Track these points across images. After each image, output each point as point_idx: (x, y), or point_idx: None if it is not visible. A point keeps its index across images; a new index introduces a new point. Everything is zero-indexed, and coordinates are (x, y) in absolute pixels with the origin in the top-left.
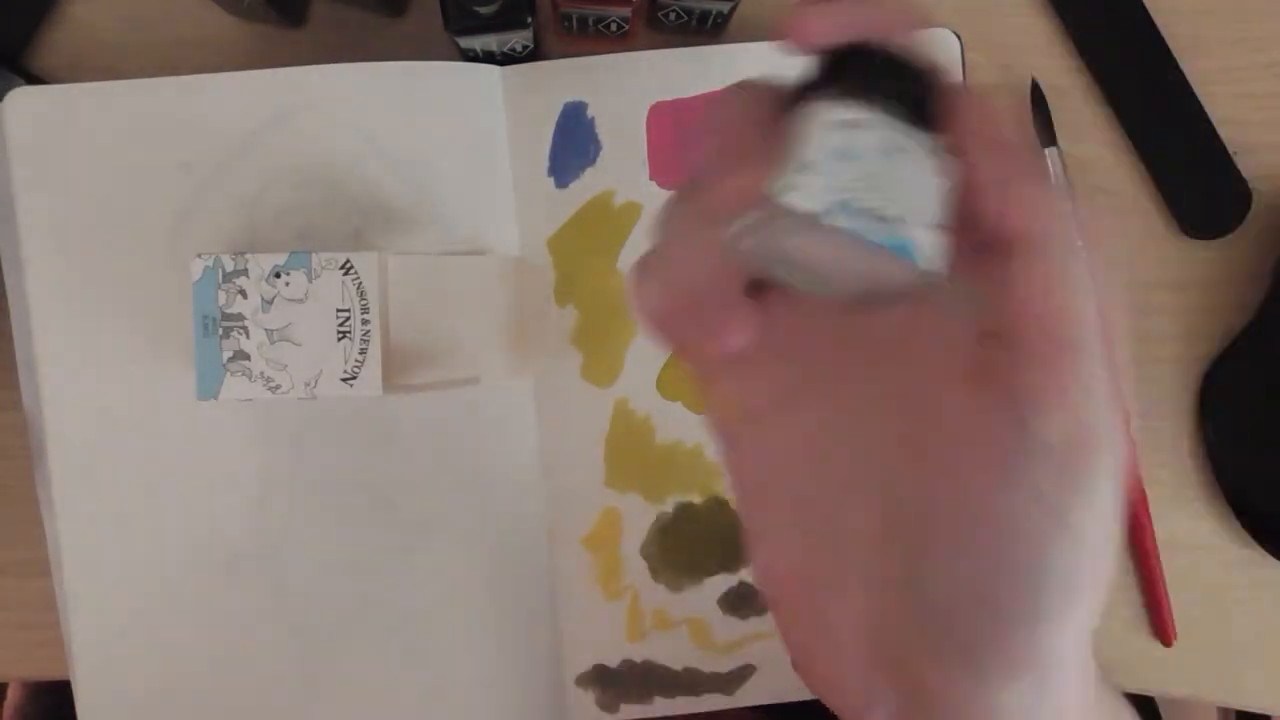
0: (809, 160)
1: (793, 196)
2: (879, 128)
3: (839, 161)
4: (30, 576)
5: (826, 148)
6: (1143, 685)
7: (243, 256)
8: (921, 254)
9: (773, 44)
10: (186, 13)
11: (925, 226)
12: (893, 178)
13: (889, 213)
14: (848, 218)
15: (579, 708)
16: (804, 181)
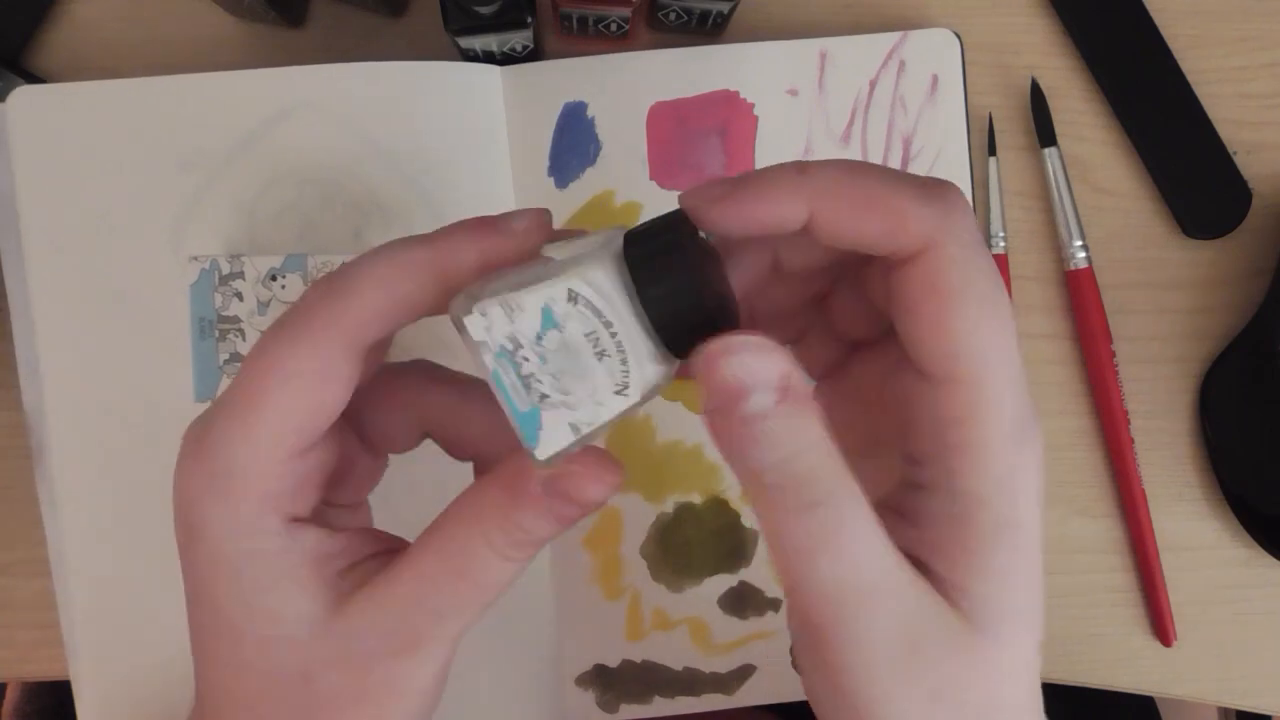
0: (517, 300)
1: (472, 320)
2: (610, 325)
3: (538, 320)
4: (30, 576)
5: (542, 302)
6: (1143, 685)
7: (239, 259)
8: (541, 439)
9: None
10: (186, 13)
11: (567, 424)
12: (578, 368)
13: (540, 390)
14: (503, 369)
15: (579, 708)
16: (492, 313)
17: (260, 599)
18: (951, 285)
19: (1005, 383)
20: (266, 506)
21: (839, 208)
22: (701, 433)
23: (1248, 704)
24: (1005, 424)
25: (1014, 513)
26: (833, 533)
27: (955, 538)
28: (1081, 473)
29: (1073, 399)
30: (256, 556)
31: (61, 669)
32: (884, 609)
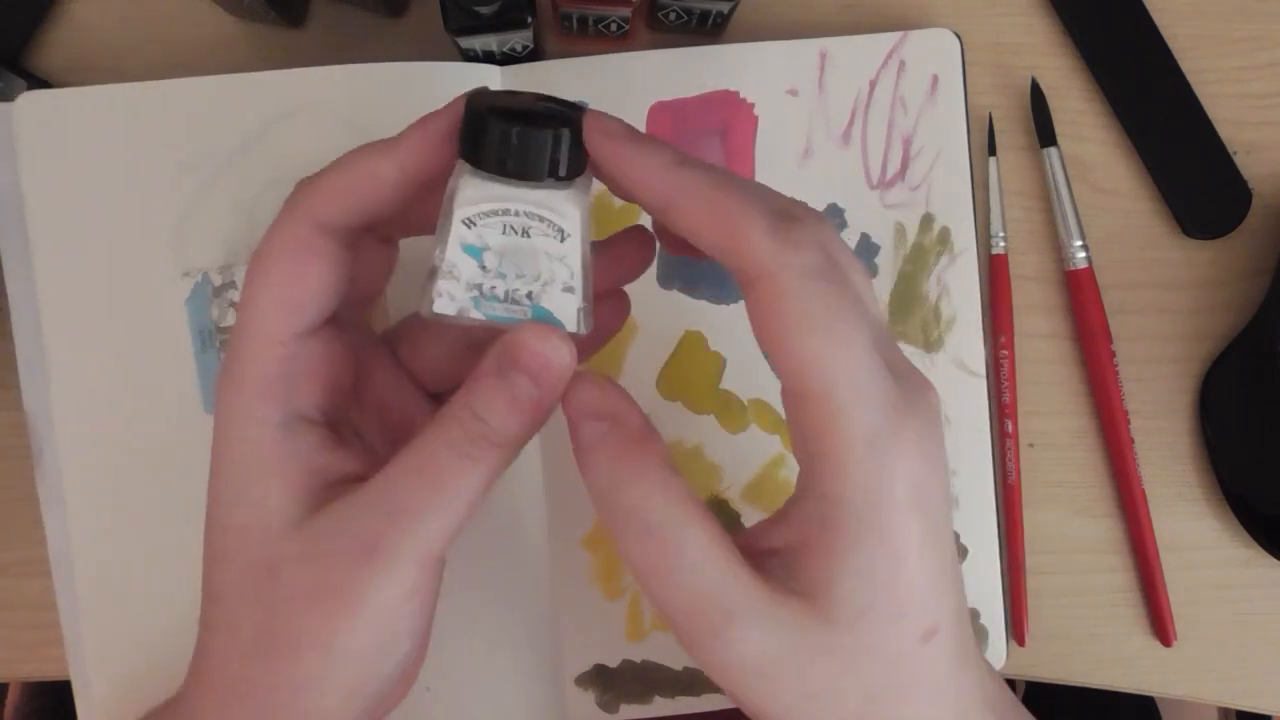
0: (449, 263)
1: (437, 304)
2: (506, 211)
3: (471, 257)
4: (30, 576)
5: (460, 245)
6: (1143, 685)
7: (229, 269)
8: (563, 317)
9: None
10: (186, 13)
11: (561, 291)
12: (521, 255)
13: (521, 292)
14: (486, 307)
15: (579, 708)
16: (444, 287)
17: (246, 486)
18: (786, 315)
19: (854, 397)
20: (266, 390)
21: (691, 214)
22: (702, 433)
23: (1248, 704)
24: (858, 436)
25: (875, 516)
26: (665, 559)
27: (820, 539)
28: (1081, 473)
29: (1073, 399)
30: (251, 443)
31: (61, 669)
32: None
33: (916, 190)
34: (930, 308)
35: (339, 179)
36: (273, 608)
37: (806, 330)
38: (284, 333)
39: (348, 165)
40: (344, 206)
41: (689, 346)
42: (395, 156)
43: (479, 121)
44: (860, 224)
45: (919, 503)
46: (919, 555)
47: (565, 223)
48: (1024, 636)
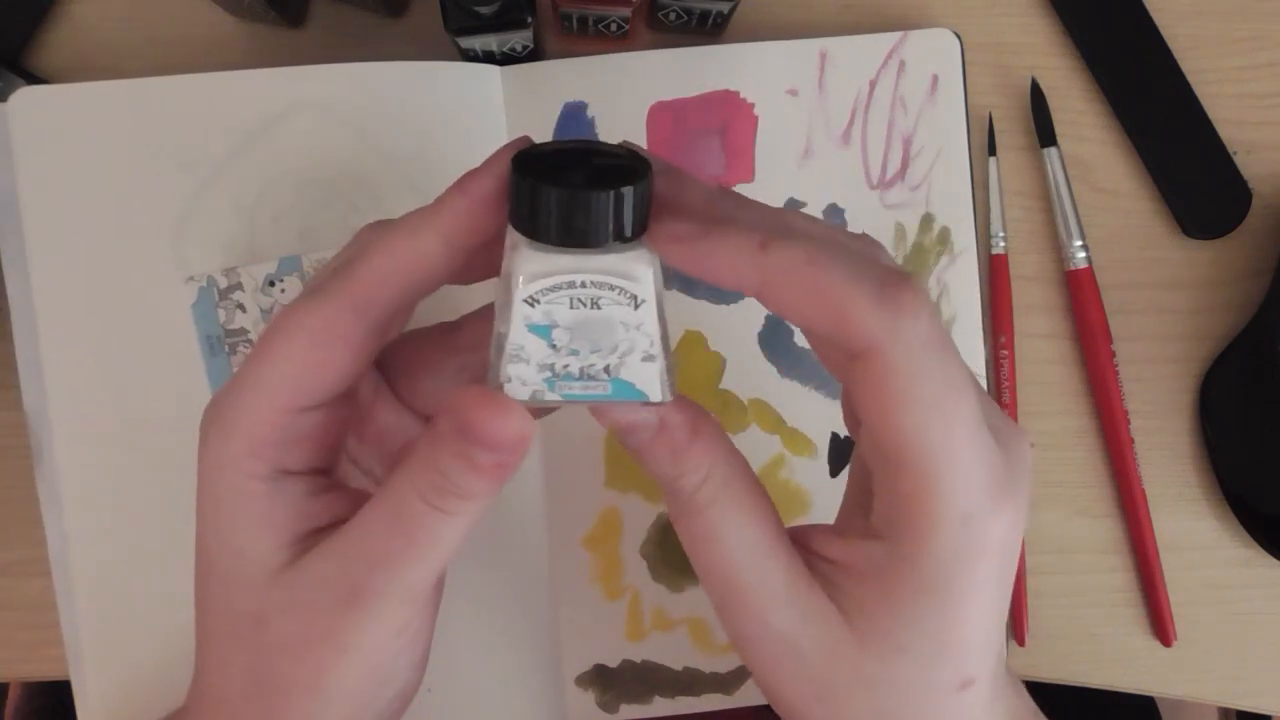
0: (514, 345)
1: (508, 389)
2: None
3: (538, 336)
4: (30, 576)
5: (525, 325)
6: (1143, 685)
7: (234, 271)
8: (646, 388)
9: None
10: (186, 13)
11: (641, 360)
12: (594, 328)
13: (598, 367)
14: (561, 387)
15: (579, 708)
16: (514, 371)
17: (231, 536)
18: (895, 389)
19: (958, 480)
20: (255, 450)
21: (789, 295)
22: None
23: (1248, 704)
24: (954, 517)
25: (947, 586)
26: (708, 538)
27: (879, 581)
28: (1081, 473)
29: (1073, 399)
30: (237, 494)
31: (61, 669)
32: (762, 609)
33: (916, 190)
34: None
35: (383, 264)
36: (262, 656)
37: (917, 407)
38: (288, 407)
39: (389, 248)
40: (388, 294)
41: (689, 346)
42: (439, 230)
43: (529, 189)
44: (860, 224)
45: (993, 577)
46: (976, 620)
47: (638, 287)
48: (1024, 636)
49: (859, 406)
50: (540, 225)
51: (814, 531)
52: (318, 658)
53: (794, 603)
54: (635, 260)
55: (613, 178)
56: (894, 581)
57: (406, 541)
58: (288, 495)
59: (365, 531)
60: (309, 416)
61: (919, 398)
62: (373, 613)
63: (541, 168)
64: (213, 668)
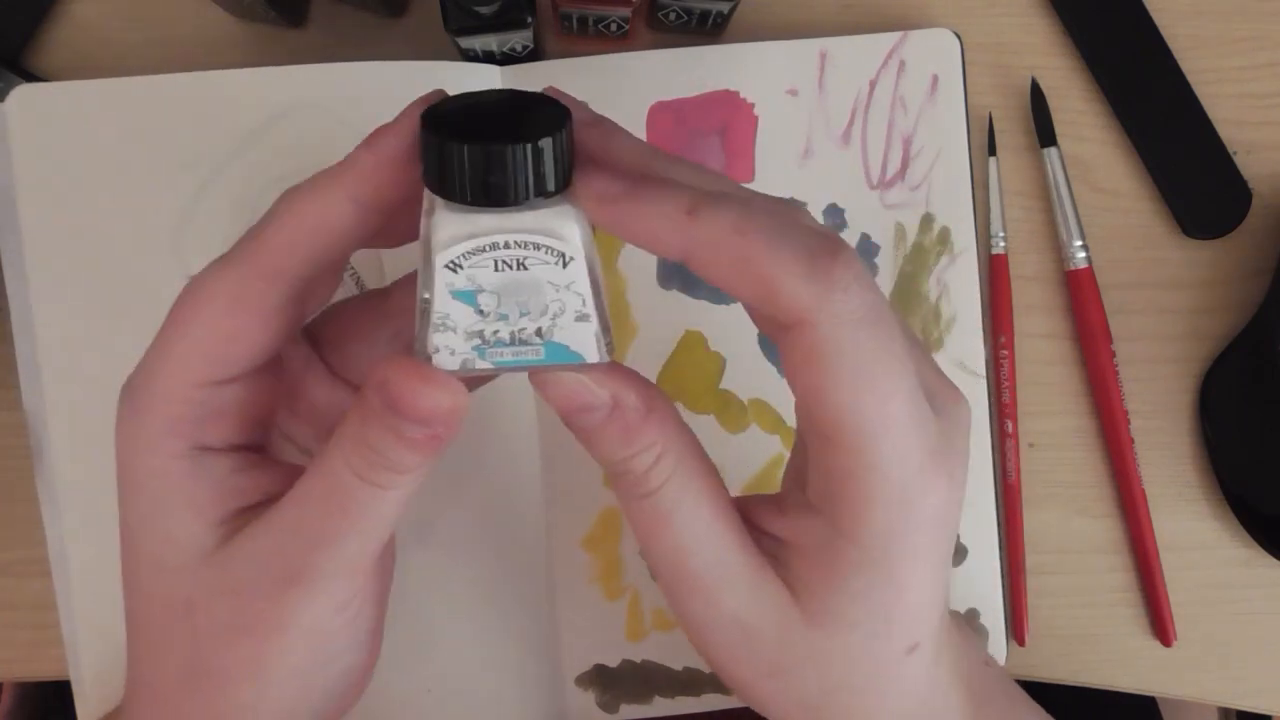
0: (439, 314)
1: (436, 360)
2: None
3: (464, 303)
4: (30, 576)
5: (449, 292)
6: (1143, 685)
7: None
8: (581, 349)
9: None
10: (186, 12)
11: (575, 321)
12: (522, 290)
13: (529, 331)
14: (493, 354)
15: (579, 708)
16: (440, 341)
17: (156, 519)
18: (826, 364)
19: (892, 454)
20: (172, 428)
21: (716, 265)
22: (702, 433)
23: (1248, 704)
24: (890, 492)
25: (886, 559)
26: (658, 521)
27: (822, 557)
28: (1081, 473)
29: (1073, 399)
30: (158, 475)
31: (61, 669)
32: (714, 592)
33: (916, 190)
34: (930, 308)
35: (287, 228)
36: (196, 643)
37: (849, 382)
38: (201, 381)
39: (296, 210)
40: (296, 258)
41: (688, 346)
42: (347, 190)
43: (439, 146)
44: (860, 224)
45: (932, 544)
46: (919, 587)
47: (565, 245)
48: (1024, 636)
49: (791, 380)
50: (454, 184)
51: (756, 504)
52: (256, 640)
53: (746, 584)
54: (560, 216)
55: (531, 128)
56: (836, 558)
57: (342, 517)
58: (212, 473)
59: (299, 509)
60: (227, 390)
61: (850, 372)
62: (311, 591)
63: (455, 122)
64: (146, 658)
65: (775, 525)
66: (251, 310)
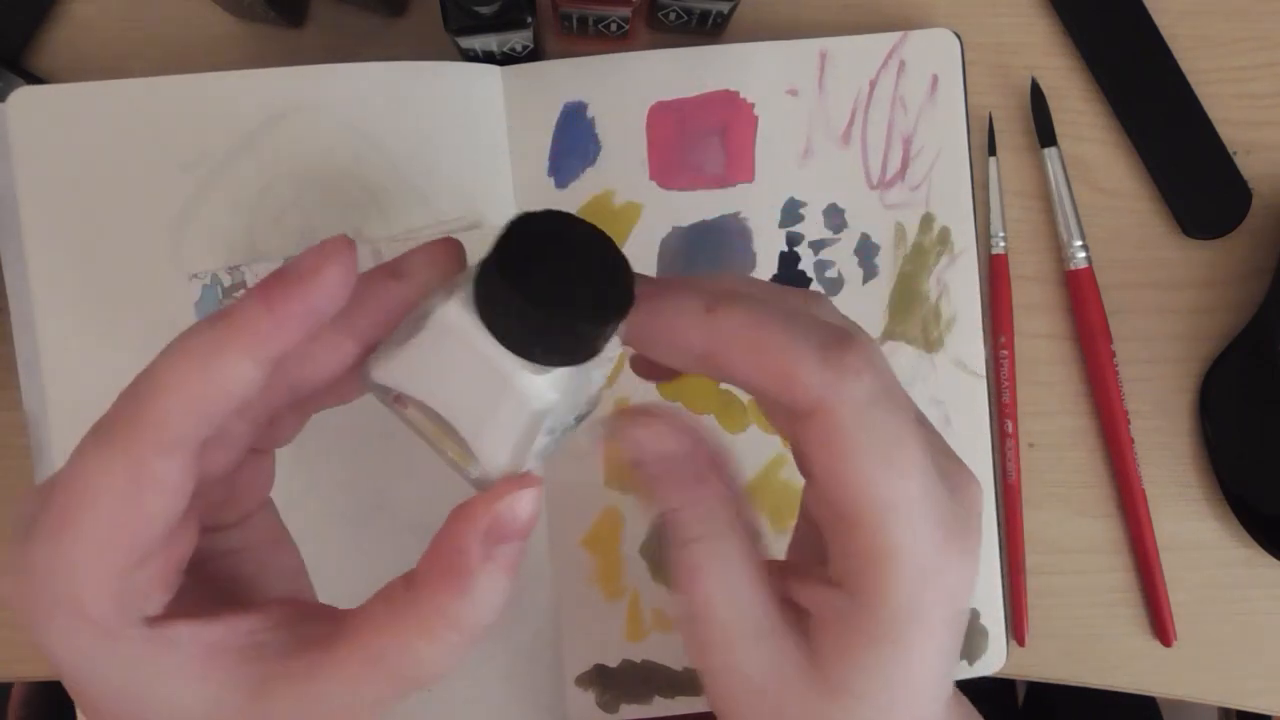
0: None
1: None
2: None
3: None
4: None
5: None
6: (1143, 685)
7: (238, 269)
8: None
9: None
10: (186, 12)
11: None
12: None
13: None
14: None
15: (579, 708)
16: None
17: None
18: (842, 448)
19: (910, 535)
20: (112, 630)
21: (735, 359)
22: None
23: (1248, 704)
24: (906, 572)
25: (900, 634)
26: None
27: (837, 628)
28: (1081, 473)
29: (1073, 399)
30: (130, 667)
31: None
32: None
33: (916, 190)
34: (930, 307)
35: (178, 395)
36: None
37: (866, 464)
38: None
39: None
40: (194, 422)
41: None
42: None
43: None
44: (860, 224)
45: (944, 621)
46: (929, 663)
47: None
48: (1024, 636)
49: (808, 465)
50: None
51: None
52: None
53: (765, 645)
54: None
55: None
56: (853, 631)
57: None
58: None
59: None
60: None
61: (866, 455)
62: None
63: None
64: None
65: (800, 593)
66: (158, 488)
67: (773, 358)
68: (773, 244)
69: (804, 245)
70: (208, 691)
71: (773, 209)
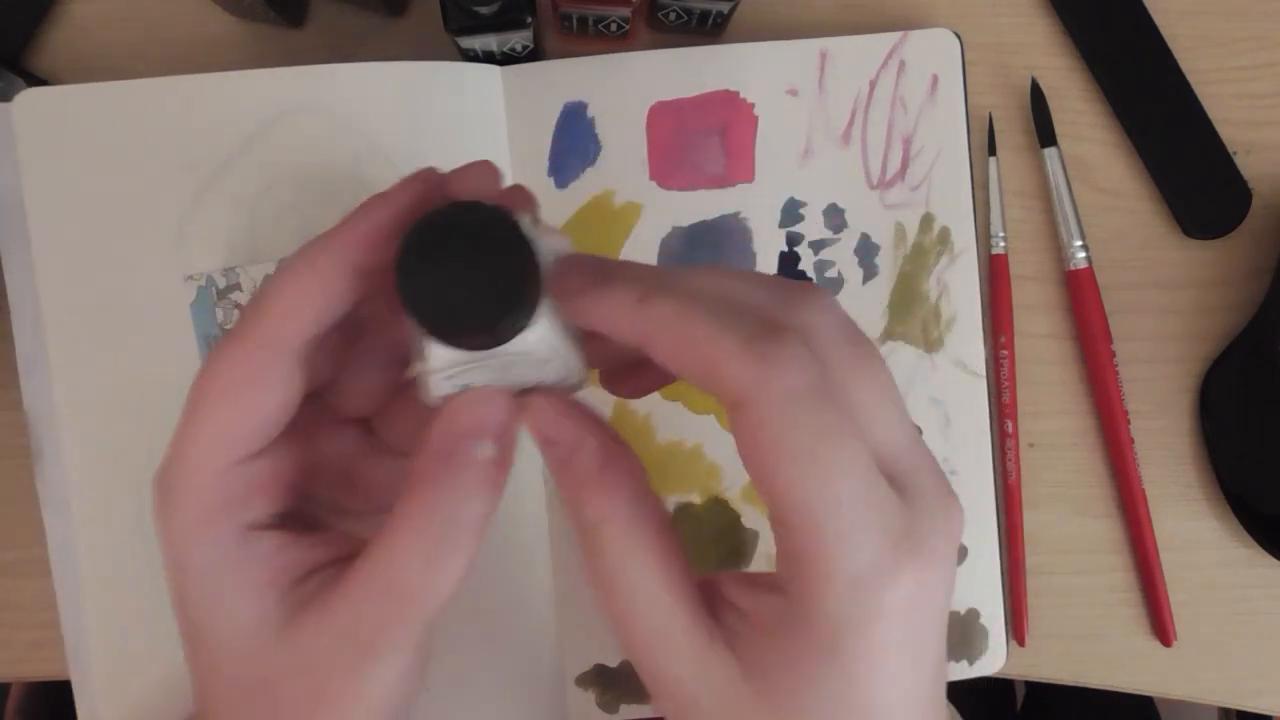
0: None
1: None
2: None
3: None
4: (30, 576)
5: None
6: (1143, 685)
7: (233, 271)
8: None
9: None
10: (186, 13)
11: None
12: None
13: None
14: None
15: (579, 708)
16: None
17: (217, 606)
18: (767, 442)
19: (841, 537)
20: (211, 516)
21: (664, 347)
22: (702, 433)
23: (1248, 704)
24: (840, 579)
25: (838, 646)
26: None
27: (775, 635)
28: (1081, 473)
29: (1073, 399)
30: (210, 567)
31: (61, 669)
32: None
33: (916, 190)
34: (930, 307)
35: (285, 298)
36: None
37: (789, 461)
38: (224, 463)
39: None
40: (297, 327)
41: None
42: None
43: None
44: (860, 224)
45: (905, 639)
46: (885, 684)
47: (541, 348)
48: (1024, 636)
49: (746, 466)
50: (442, 334)
51: (729, 578)
52: (335, 709)
53: (692, 654)
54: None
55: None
56: (790, 639)
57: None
58: (261, 553)
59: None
60: (255, 465)
61: (791, 452)
62: (383, 663)
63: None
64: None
65: (740, 598)
66: (262, 386)
67: (699, 348)
68: (773, 244)
69: (804, 245)
70: (260, 609)
71: (773, 209)
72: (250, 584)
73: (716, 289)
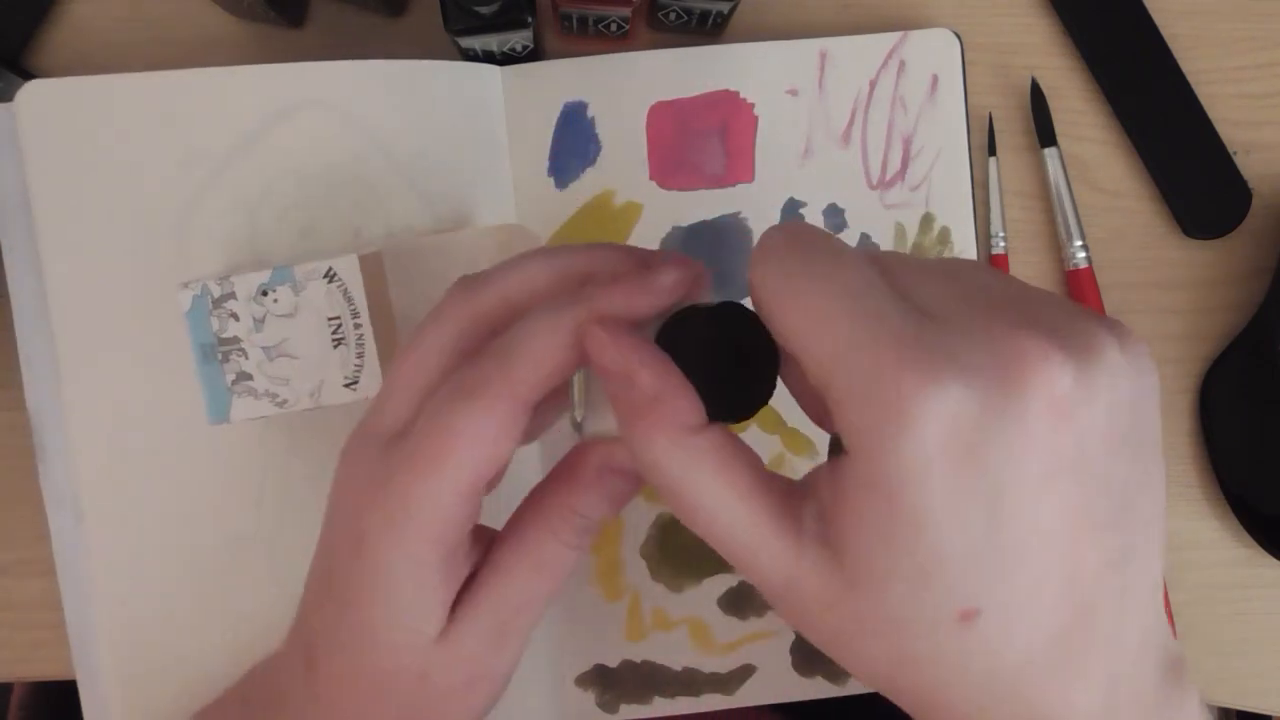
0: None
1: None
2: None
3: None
4: (30, 576)
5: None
6: None
7: (228, 280)
8: None
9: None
10: (186, 12)
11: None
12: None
13: None
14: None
15: (579, 708)
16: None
17: (408, 617)
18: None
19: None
20: (436, 545)
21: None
22: None
23: (1247, 704)
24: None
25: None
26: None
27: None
28: None
29: None
30: (418, 586)
31: (61, 669)
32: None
33: (916, 190)
34: None
35: (545, 366)
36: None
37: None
38: (466, 500)
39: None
40: (543, 391)
41: None
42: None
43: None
44: (860, 224)
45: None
46: (945, 523)
47: None
48: None
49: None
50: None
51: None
52: (473, 693)
53: (785, 561)
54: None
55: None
56: (846, 493)
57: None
58: (455, 568)
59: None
60: (474, 500)
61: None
62: (513, 647)
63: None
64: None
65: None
66: (510, 440)
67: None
68: None
69: None
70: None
71: (773, 209)
72: (440, 598)
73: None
